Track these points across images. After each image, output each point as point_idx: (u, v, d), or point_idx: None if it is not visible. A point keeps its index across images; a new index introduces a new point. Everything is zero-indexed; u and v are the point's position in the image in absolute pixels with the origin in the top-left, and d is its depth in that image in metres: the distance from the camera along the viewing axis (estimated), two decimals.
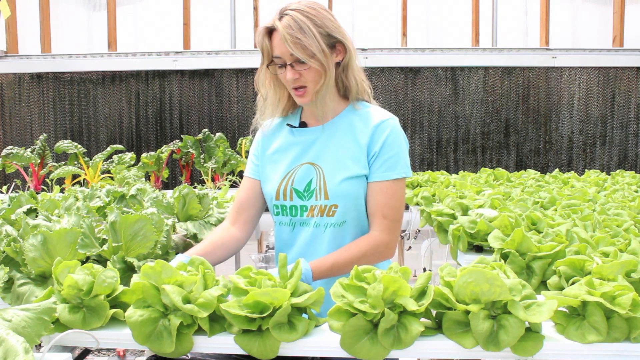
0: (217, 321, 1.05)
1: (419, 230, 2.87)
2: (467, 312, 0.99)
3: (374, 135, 1.55)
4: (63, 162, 3.56)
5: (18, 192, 2.05)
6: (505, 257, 1.39)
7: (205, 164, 3.61)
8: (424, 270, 2.92)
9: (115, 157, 3.49)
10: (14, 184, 3.49)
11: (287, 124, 1.66)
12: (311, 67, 1.48)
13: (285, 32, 1.44)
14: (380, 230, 1.53)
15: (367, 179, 1.56)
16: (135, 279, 1.06)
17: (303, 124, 1.65)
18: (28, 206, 1.78)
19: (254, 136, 1.75)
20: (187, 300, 1.02)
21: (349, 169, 1.54)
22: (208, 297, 1.01)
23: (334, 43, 1.52)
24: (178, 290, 1.02)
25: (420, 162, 4.44)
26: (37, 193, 2.86)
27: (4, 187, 3.35)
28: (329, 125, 1.60)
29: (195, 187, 2.93)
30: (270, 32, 1.50)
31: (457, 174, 3.73)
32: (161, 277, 1.04)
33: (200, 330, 1.04)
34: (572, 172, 3.65)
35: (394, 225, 1.55)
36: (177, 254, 1.55)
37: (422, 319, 1.03)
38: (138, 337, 1.00)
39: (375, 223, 1.55)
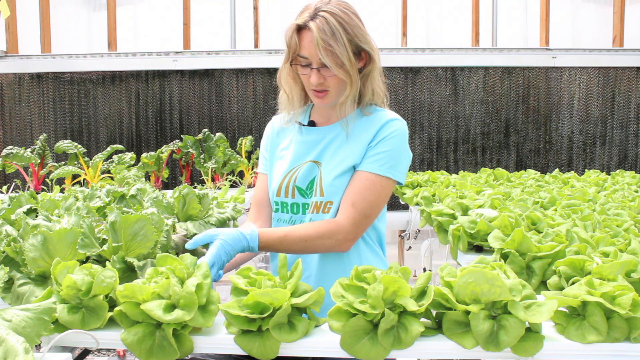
0: (209, 305, 1.04)
1: (419, 230, 2.87)
2: (467, 313, 0.99)
3: (379, 131, 1.52)
4: (63, 162, 3.55)
5: (18, 192, 2.05)
6: (505, 257, 1.38)
7: (205, 164, 3.61)
8: (424, 270, 2.92)
9: (115, 157, 3.48)
10: (14, 184, 3.48)
11: (296, 122, 1.64)
12: (337, 74, 1.45)
13: (318, 36, 1.41)
14: (345, 218, 1.47)
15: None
16: (117, 293, 1.04)
17: (312, 123, 1.63)
18: (28, 206, 1.78)
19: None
20: (172, 307, 1.01)
21: (344, 165, 1.52)
22: (186, 296, 1.00)
23: (360, 51, 1.49)
24: (157, 304, 1.00)
25: (420, 162, 4.44)
26: (37, 193, 2.86)
27: (4, 187, 3.35)
28: (337, 126, 1.58)
29: (195, 187, 2.93)
30: (299, 29, 1.45)
31: (457, 174, 3.73)
32: (137, 295, 1.02)
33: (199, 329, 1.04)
34: (572, 172, 3.64)
35: (360, 219, 1.48)
36: (176, 253, 1.54)
37: (422, 319, 1.03)
38: (141, 355, 0.99)
39: (343, 210, 1.49)
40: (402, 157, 1.54)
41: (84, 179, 3.33)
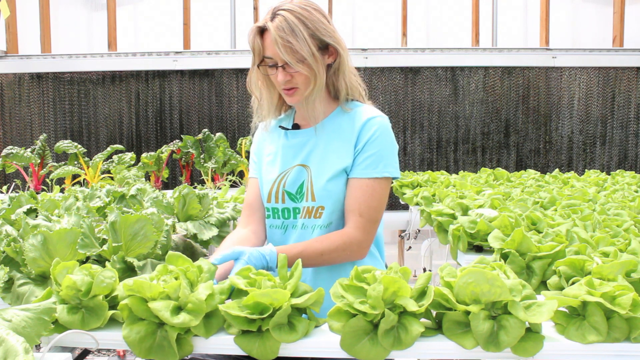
0: (213, 317, 1.04)
1: (419, 230, 2.87)
2: (467, 313, 0.99)
3: (361, 132, 1.52)
4: (63, 162, 3.56)
5: (18, 192, 2.05)
6: (505, 257, 1.38)
7: (205, 164, 3.61)
8: (424, 270, 2.92)
9: (115, 157, 3.49)
10: (14, 184, 3.49)
11: (280, 126, 1.64)
12: (300, 70, 1.46)
13: (276, 34, 1.42)
14: (355, 228, 1.48)
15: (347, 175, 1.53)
16: (123, 286, 1.03)
17: (296, 126, 1.63)
18: (28, 206, 1.78)
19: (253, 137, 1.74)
20: (177, 309, 1.01)
21: (334, 169, 1.52)
22: (196, 302, 1.00)
23: (326, 45, 1.49)
24: (165, 305, 0.99)
25: (420, 162, 4.44)
26: (37, 193, 2.86)
27: (4, 187, 3.35)
28: (319, 127, 1.58)
29: (195, 187, 2.93)
30: (262, 31, 1.47)
31: (457, 174, 3.73)
32: (145, 291, 1.01)
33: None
34: (572, 172, 3.65)
35: (370, 226, 1.50)
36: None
37: (422, 320, 1.03)
38: (140, 353, 0.99)
39: (351, 220, 1.50)
40: (392, 152, 1.54)
41: (84, 179, 3.34)
